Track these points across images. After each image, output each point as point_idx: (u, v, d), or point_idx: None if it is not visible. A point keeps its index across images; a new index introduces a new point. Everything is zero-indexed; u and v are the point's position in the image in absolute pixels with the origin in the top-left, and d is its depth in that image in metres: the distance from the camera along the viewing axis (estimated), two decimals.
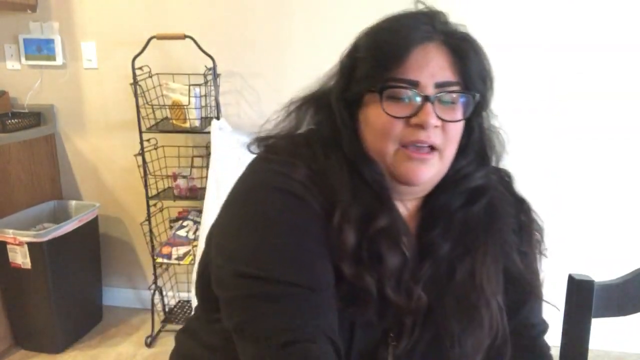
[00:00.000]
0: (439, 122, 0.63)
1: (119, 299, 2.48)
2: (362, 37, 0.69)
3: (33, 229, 2.12)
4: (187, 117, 2.00)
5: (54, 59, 2.26)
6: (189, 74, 2.04)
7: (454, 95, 0.64)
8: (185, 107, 1.98)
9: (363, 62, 0.65)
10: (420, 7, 0.70)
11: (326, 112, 0.70)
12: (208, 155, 2.06)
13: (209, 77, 2.04)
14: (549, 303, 0.77)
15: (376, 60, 0.64)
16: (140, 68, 2.04)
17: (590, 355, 0.84)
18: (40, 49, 2.26)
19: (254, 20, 2.09)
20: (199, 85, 2.00)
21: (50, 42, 2.24)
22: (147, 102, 2.05)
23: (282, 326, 0.56)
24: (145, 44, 1.98)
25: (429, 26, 0.65)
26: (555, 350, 0.86)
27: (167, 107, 2.08)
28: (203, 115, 2.06)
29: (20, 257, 1.97)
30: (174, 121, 2.07)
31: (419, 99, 0.63)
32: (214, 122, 1.99)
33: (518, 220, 0.74)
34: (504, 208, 0.72)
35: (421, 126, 0.63)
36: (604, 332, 1.93)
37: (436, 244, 0.68)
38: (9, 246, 1.97)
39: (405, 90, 0.63)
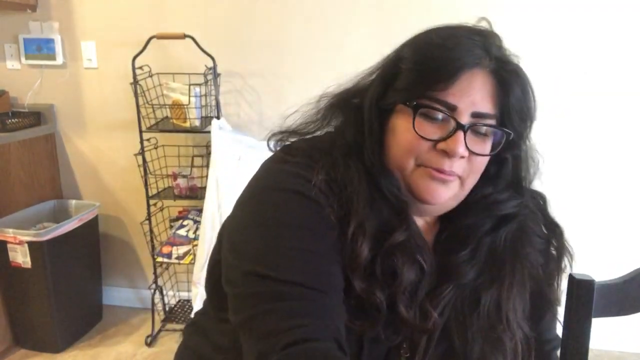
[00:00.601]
0: (466, 153, 0.61)
1: (119, 298, 2.48)
2: (410, 46, 0.65)
3: (33, 228, 2.12)
4: (187, 117, 2.00)
5: (54, 59, 2.26)
6: (189, 74, 2.04)
7: (489, 128, 0.62)
8: (185, 106, 1.98)
9: (407, 73, 0.63)
10: (479, 24, 0.66)
11: (354, 117, 0.68)
12: (208, 154, 2.06)
13: (209, 77, 2.04)
14: (557, 320, 0.78)
15: (421, 76, 0.61)
16: (141, 68, 2.04)
17: (590, 355, 0.84)
18: (40, 48, 2.26)
19: (254, 20, 2.09)
20: (199, 84, 2.00)
21: (50, 41, 2.24)
22: (147, 102, 2.05)
23: (287, 325, 0.55)
24: (145, 44, 1.98)
25: (483, 51, 0.61)
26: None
27: (167, 106, 2.08)
28: (203, 114, 2.06)
29: (21, 257, 1.97)
30: (174, 121, 2.07)
31: (452, 125, 0.60)
32: (214, 121, 1.99)
33: (547, 241, 0.73)
34: (533, 229, 0.71)
35: (447, 153, 0.61)
36: (604, 332, 1.94)
37: (461, 269, 0.66)
38: (9, 245, 1.97)
39: (441, 113, 0.61)
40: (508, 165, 0.68)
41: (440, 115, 0.61)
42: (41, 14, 2.23)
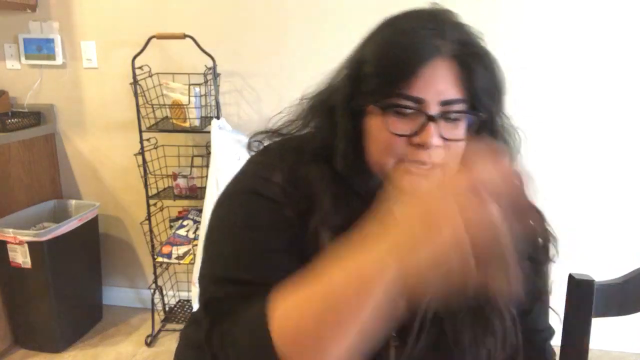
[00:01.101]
0: (441, 142, 0.62)
1: (119, 298, 2.48)
2: (368, 46, 0.67)
3: (33, 228, 2.12)
4: (187, 117, 2.00)
5: (54, 59, 2.25)
6: (189, 74, 2.04)
7: (459, 114, 0.63)
8: (185, 106, 1.98)
9: (370, 76, 0.64)
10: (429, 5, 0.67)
11: (328, 117, 0.69)
12: (208, 154, 2.06)
13: (209, 77, 2.04)
14: (552, 309, 0.78)
15: (383, 77, 0.62)
16: (140, 67, 2.04)
17: (590, 355, 0.84)
18: (40, 48, 2.26)
19: (254, 20, 2.09)
20: (199, 84, 2.00)
21: (50, 41, 2.24)
22: (147, 102, 2.05)
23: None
24: (145, 44, 1.98)
25: (440, 39, 0.61)
26: (555, 350, 0.86)
27: (167, 106, 2.08)
28: (203, 114, 2.06)
29: (21, 257, 1.97)
30: (174, 121, 2.07)
31: (422, 118, 0.61)
32: (214, 121, 1.99)
33: (532, 228, 0.72)
34: (516, 214, 0.71)
35: (423, 146, 0.61)
36: (604, 332, 1.94)
37: None
38: (9, 245, 1.97)
39: (410, 109, 0.62)
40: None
41: (409, 111, 0.61)
42: (41, 14, 2.23)
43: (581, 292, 0.83)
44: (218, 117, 2.04)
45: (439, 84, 0.61)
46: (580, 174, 2.02)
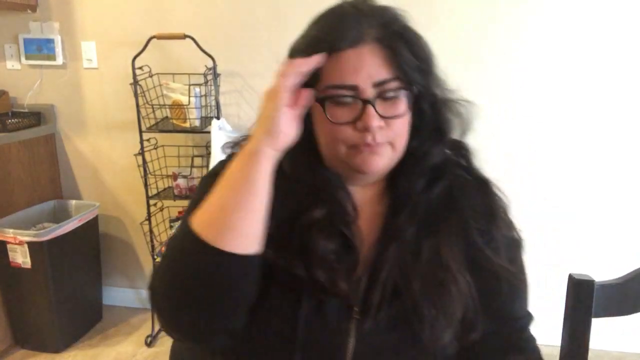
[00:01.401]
0: (382, 122, 0.66)
1: (119, 298, 2.48)
2: (298, 44, 0.71)
3: (33, 229, 2.12)
4: (187, 117, 2.00)
5: (54, 59, 2.26)
6: (189, 74, 2.04)
7: (394, 91, 0.66)
8: (185, 106, 1.98)
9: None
10: None
11: None
12: (208, 154, 2.06)
13: (209, 77, 2.04)
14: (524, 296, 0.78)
15: (314, 72, 0.66)
16: (140, 68, 2.04)
17: (590, 355, 0.84)
18: (40, 48, 2.26)
19: (254, 20, 2.09)
20: (199, 85, 2.00)
21: (50, 41, 2.24)
22: (147, 102, 2.05)
23: None
24: (145, 44, 1.98)
25: (359, 25, 0.66)
26: (555, 350, 0.86)
27: (167, 106, 2.08)
28: (203, 115, 2.06)
29: (21, 257, 1.98)
30: (174, 121, 2.07)
31: (359, 103, 0.65)
32: (214, 121, 1.99)
33: (483, 202, 0.74)
34: (464, 191, 0.74)
35: (365, 129, 0.65)
36: (604, 332, 1.94)
37: (401, 228, 0.70)
38: (9, 245, 1.97)
39: (346, 97, 0.65)
40: (427, 115, 0.72)
41: (346, 100, 0.66)
42: (41, 14, 2.23)
43: (581, 292, 0.83)
44: (218, 118, 2.04)
45: (368, 67, 0.65)
46: (581, 174, 2.02)
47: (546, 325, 2.06)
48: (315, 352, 0.67)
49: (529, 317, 0.78)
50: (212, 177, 0.70)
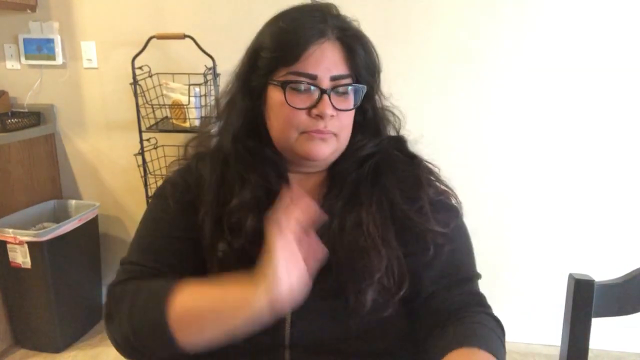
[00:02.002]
0: (334, 112, 0.73)
1: None
2: (263, 35, 0.78)
3: (33, 229, 2.12)
4: (187, 117, 2.00)
5: (54, 59, 2.26)
6: (188, 74, 2.04)
7: (347, 87, 0.74)
8: (185, 106, 1.98)
9: (268, 59, 0.74)
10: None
11: (232, 107, 0.81)
12: None
13: (209, 77, 2.04)
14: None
15: (279, 58, 0.73)
16: (140, 68, 2.04)
17: (590, 355, 0.84)
18: (40, 48, 2.26)
19: (254, 20, 2.07)
20: (199, 84, 2.00)
21: (50, 41, 2.24)
22: (147, 102, 2.05)
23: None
24: (145, 44, 1.98)
25: (324, 24, 0.73)
26: (555, 350, 0.86)
27: (167, 106, 2.08)
28: (203, 114, 2.06)
29: (21, 257, 1.98)
30: (174, 121, 2.07)
31: (317, 92, 0.72)
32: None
33: (411, 173, 0.80)
34: (392, 165, 0.81)
35: (320, 116, 0.72)
36: (604, 332, 1.94)
37: (330, 205, 0.77)
38: (9, 245, 1.97)
39: (305, 84, 0.72)
40: (369, 114, 0.81)
41: (304, 86, 0.72)
42: (41, 14, 2.23)
43: (581, 292, 0.83)
44: None
45: (327, 61, 0.72)
46: (581, 174, 2.02)
47: (546, 325, 2.08)
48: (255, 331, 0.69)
49: (472, 276, 0.81)
50: (159, 197, 0.82)
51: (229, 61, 0.82)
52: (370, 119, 0.81)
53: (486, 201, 2.08)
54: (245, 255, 0.72)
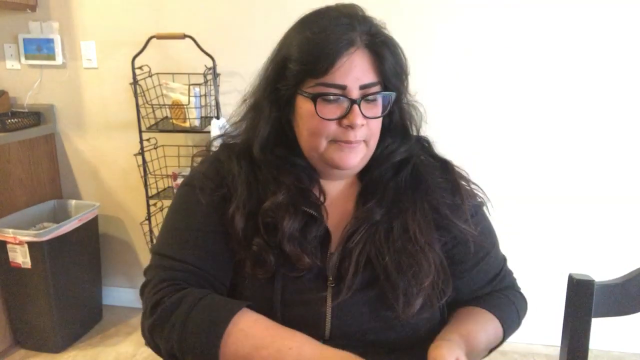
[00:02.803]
0: (364, 121, 0.73)
1: (119, 298, 2.48)
2: (290, 45, 0.76)
3: (33, 229, 2.12)
4: (187, 117, 2.00)
5: (54, 59, 2.26)
6: (188, 74, 2.04)
7: (376, 94, 0.74)
8: (185, 106, 1.98)
9: (295, 70, 0.73)
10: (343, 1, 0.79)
11: (258, 112, 0.80)
12: None
13: (209, 77, 2.04)
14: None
15: (308, 70, 0.72)
16: (140, 68, 2.04)
17: (590, 355, 0.84)
18: (40, 48, 2.26)
19: (254, 20, 2.09)
20: (199, 84, 2.00)
21: (50, 41, 2.24)
22: (147, 102, 2.05)
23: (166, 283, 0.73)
24: (145, 44, 1.98)
25: (352, 32, 0.72)
26: (555, 350, 0.86)
27: (167, 106, 2.08)
28: (203, 114, 2.06)
29: (20, 257, 1.97)
30: (174, 121, 2.07)
31: (347, 102, 0.72)
32: (214, 121, 1.99)
33: (446, 179, 0.83)
34: (428, 171, 0.82)
35: (350, 126, 0.72)
36: (604, 332, 1.94)
37: (372, 211, 0.78)
38: (9, 245, 1.97)
39: (335, 95, 0.72)
40: (396, 116, 0.82)
41: (335, 98, 0.72)
42: (41, 14, 2.23)
43: (581, 292, 0.83)
44: (218, 117, 2.04)
45: (356, 71, 0.72)
46: (581, 174, 2.02)
47: (546, 325, 2.08)
48: (295, 320, 0.73)
49: (503, 261, 0.90)
50: (189, 187, 0.81)
51: (229, 61, 0.82)
52: (397, 121, 0.82)
53: (486, 201, 2.07)
54: (281, 252, 0.75)
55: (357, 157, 0.76)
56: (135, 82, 2.01)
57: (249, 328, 0.68)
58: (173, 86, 2.03)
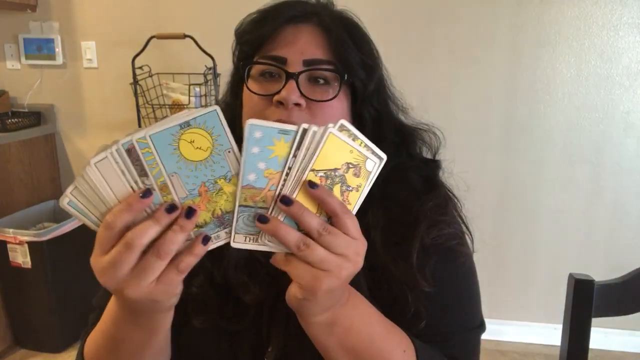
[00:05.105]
0: (302, 100, 0.59)
1: None
2: (243, 26, 0.70)
3: (33, 228, 2.12)
4: None
5: (54, 59, 2.26)
6: (189, 74, 2.04)
7: (327, 74, 0.61)
8: (185, 106, 1.98)
9: (241, 45, 0.67)
10: None
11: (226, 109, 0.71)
12: None
13: (209, 77, 2.04)
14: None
15: (249, 41, 0.65)
16: (140, 67, 2.04)
17: (590, 355, 0.84)
18: (40, 48, 2.26)
19: None
20: (199, 84, 2.00)
21: (50, 41, 2.24)
22: (147, 102, 2.05)
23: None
24: (145, 44, 1.98)
25: (302, 7, 0.64)
26: (555, 350, 0.86)
27: (167, 106, 2.08)
28: None
29: (21, 257, 1.97)
30: None
31: (285, 77, 0.60)
32: None
33: (413, 211, 0.65)
34: (391, 195, 0.66)
35: (281, 103, 0.59)
36: (604, 332, 1.94)
37: None
38: (9, 245, 1.97)
39: (272, 67, 0.62)
40: (366, 122, 0.65)
41: (272, 71, 0.62)
42: (41, 14, 2.23)
43: (581, 292, 0.83)
44: None
45: (301, 43, 0.61)
46: (581, 174, 2.02)
47: (546, 325, 2.07)
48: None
49: (453, 333, 0.66)
50: None
51: (229, 61, 0.79)
52: (368, 130, 0.65)
53: (486, 201, 2.08)
54: (229, 289, 0.62)
55: None
56: (135, 82, 2.01)
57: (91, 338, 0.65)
58: (173, 86, 2.03)
